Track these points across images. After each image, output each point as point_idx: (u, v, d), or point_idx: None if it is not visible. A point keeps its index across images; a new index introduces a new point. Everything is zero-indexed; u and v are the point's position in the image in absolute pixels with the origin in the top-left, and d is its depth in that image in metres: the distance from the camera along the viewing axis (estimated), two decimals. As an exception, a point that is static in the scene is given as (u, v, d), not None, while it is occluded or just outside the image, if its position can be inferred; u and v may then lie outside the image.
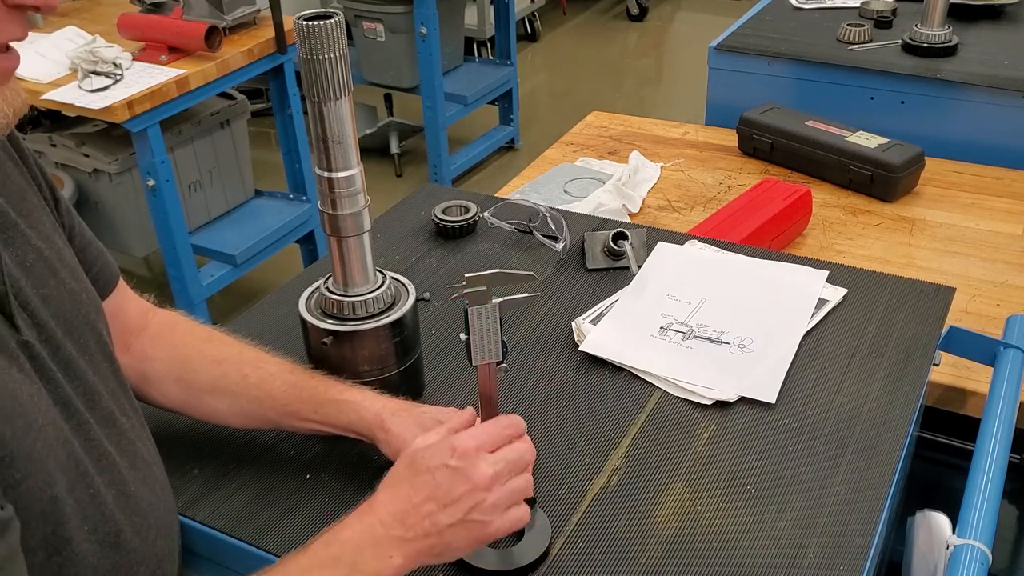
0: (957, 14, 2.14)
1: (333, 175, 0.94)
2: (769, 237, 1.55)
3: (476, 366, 0.85)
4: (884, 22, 2.20)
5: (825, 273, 1.27)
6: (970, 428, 1.12)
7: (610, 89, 4.89)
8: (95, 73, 2.39)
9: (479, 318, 0.82)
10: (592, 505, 0.95)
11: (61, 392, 0.79)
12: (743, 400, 1.07)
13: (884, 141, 1.76)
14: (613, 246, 1.32)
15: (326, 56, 0.88)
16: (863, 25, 2.12)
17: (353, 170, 0.94)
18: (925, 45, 2.01)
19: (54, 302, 0.82)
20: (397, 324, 1.02)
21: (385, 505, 0.80)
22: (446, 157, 3.79)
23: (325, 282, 1.03)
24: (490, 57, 4.42)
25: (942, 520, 0.99)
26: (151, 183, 2.47)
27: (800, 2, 2.37)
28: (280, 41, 2.65)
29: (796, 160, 1.85)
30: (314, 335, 1.02)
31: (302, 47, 0.88)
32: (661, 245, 1.35)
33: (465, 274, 0.82)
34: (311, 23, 0.86)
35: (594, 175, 1.82)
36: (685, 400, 1.08)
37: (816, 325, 1.19)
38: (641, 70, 5.35)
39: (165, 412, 1.02)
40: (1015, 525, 1.50)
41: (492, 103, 4.08)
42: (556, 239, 1.37)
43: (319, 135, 0.92)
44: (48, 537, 0.73)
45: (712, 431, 1.04)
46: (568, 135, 2.09)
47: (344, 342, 1.00)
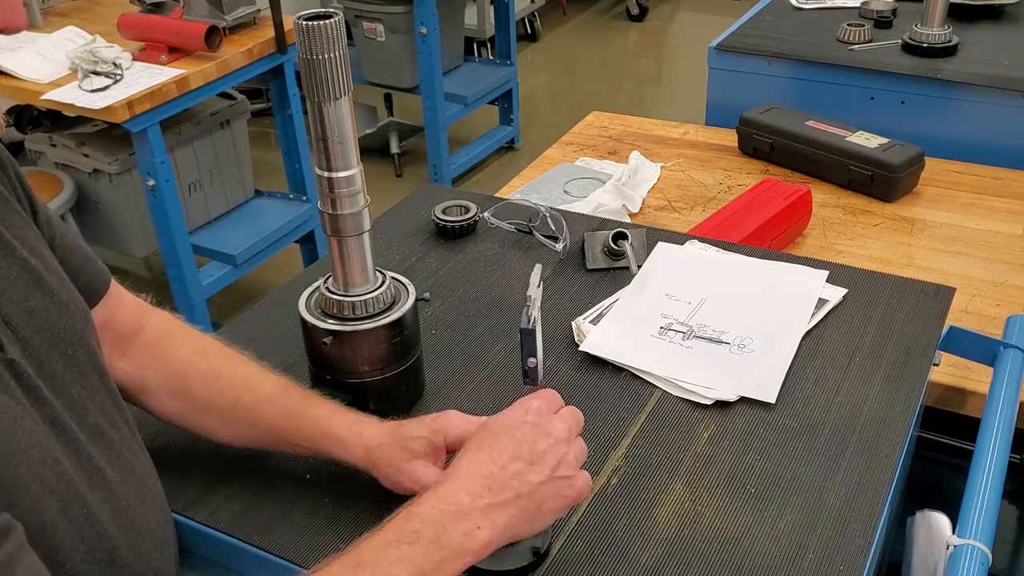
0: (957, 14, 2.14)
1: (333, 175, 0.94)
2: (769, 237, 1.55)
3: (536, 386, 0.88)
4: (884, 22, 2.20)
5: (825, 273, 1.27)
6: (970, 428, 1.12)
7: (610, 89, 4.90)
8: (95, 73, 2.39)
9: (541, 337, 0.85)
10: (592, 505, 0.95)
11: (49, 410, 0.77)
12: (743, 400, 1.07)
13: (884, 141, 1.76)
14: (613, 246, 1.32)
15: (326, 56, 0.88)
16: (863, 25, 2.12)
17: (353, 170, 0.94)
18: (925, 45, 2.01)
19: (40, 315, 0.79)
20: (397, 324, 1.02)
21: (467, 474, 0.75)
22: (446, 157, 3.79)
23: (325, 282, 1.03)
24: (490, 57, 4.42)
25: (942, 520, 0.99)
26: (151, 183, 2.48)
27: (800, 2, 2.37)
28: (280, 41, 2.65)
29: (796, 160, 1.85)
30: (314, 335, 1.02)
31: (302, 47, 0.88)
32: (661, 245, 1.35)
33: (528, 292, 0.83)
34: (311, 23, 0.86)
35: (594, 175, 1.82)
36: (685, 400, 1.08)
37: (816, 325, 1.19)
38: (641, 70, 5.35)
39: (165, 413, 1.02)
40: (1015, 525, 1.50)
41: (492, 103, 4.08)
42: (556, 239, 1.37)
43: (319, 135, 0.92)
44: None
45: (712, 431, 1.04)
46: (568, 135, 2.09)
47: (344, 342, 1.00)
